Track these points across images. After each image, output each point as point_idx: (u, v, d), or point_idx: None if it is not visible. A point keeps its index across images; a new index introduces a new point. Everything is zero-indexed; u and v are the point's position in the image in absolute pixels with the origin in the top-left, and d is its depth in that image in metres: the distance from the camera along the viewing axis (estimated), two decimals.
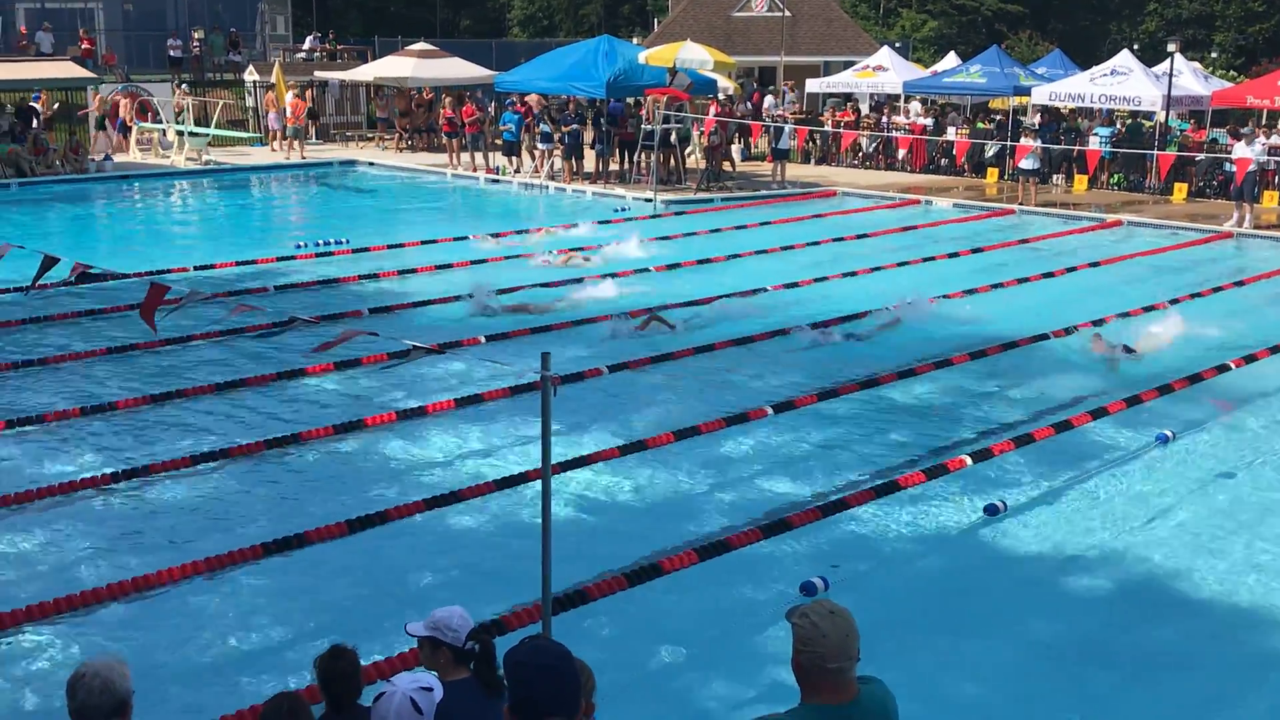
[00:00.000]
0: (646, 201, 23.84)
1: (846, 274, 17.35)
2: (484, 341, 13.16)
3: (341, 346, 7.67)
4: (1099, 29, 57.50)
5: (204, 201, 25.85)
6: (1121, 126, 28.27)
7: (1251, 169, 22.10)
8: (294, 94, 30.18)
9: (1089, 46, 49.91)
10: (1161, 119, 27.09)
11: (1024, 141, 25.37)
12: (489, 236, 19.66)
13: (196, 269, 16.77)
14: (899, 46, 40.49)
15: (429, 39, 37.25)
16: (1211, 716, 6.73)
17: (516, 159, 27.56)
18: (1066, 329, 14.12)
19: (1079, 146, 26.75)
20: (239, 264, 17.31)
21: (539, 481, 6.03)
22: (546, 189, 26.30)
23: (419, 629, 4.51)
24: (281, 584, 7.72)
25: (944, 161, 29.43)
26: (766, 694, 6.31)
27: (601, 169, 26.86)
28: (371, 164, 29.85)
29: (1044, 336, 13.92)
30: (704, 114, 27.57)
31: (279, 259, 17.93)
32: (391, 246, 18.82)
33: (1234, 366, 12.81)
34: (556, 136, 26.60)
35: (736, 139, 30.47)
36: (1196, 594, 7.88)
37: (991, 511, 8.89)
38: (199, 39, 38.33)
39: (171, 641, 6.99)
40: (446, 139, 29.18)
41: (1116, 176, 27.04)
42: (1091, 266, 18.45)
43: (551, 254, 18.20)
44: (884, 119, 31.93)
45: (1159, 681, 6.97)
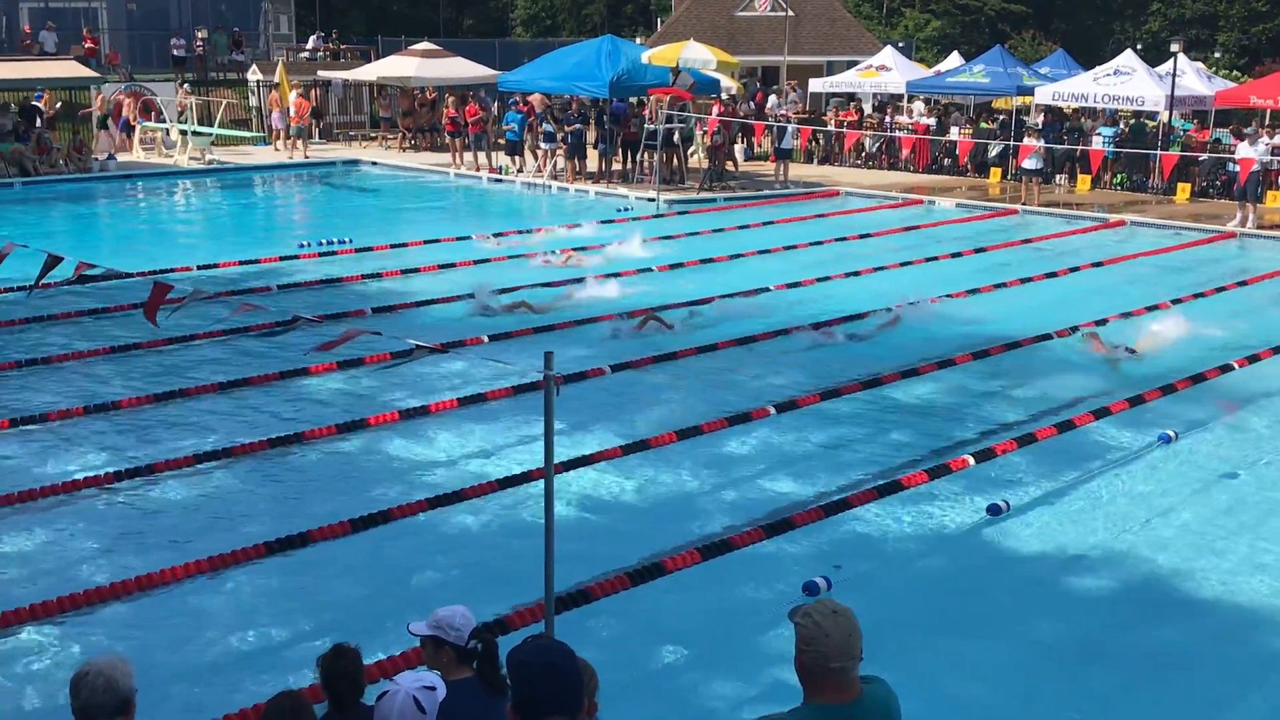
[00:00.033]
0: (649, 201, 23.84)
1: (849, 274, 17.35)
2: (487, 341, 13.17)
3: (344, 346, 7.67)
4: (1102, 29, 57.47)
5: (207, 201, 25.87)
6: (1125, 126, 28.24)
7: (1255, 169, 22.09)
8: (297, 93, 30.19)
9: (1092, 46, 49.90)
10: (1165, 119, 27.06)
11: (1027, 141, 25.33)
12: (491, 236, 19.67)
13: (200, 268, 16.78)
14: (902, 46, 40.50)
15: (432, 38, 37.32)
16: (1213, 717, 6.72)
17: (519, 159, 27.56)
18: (1070, 329, 14.11)
19: (1082, 146, 26.72)
20: (242, 263, 17.33)
21: (542, 481, 6.03)
22: (549, 189, 26.30)
23: (421, 628, 4.52)
24: (284, 583, 7.72)
25: (947, 161, 29.41)
26: (769, 693, 6.31)
27: (604, 169, 26.84)
28: (374, 163, 29.85)
29: (1047, 336, 13.91)
30: (707, 114, 27.55)
31: (282, 258, 17.94)
32: (394, 246, 18.82)
33: (1237, 367, 12.80)
34: (559, 136, 26.59)
35: (739, 139, 30.48)
36: (1199, 594, 7.88)
37: (994, 511, 8.89)
38: (202, 38, 38.33)
39: (174, 640, 6.99)
40: (449, 138, 29.17)
41: (1120, 177, 27.01)
42: (1094, 266, 18.44)
43: (554, 253, 18.22)
44: (887, 119, 31.92)
45: (1161, 682, 6.97)
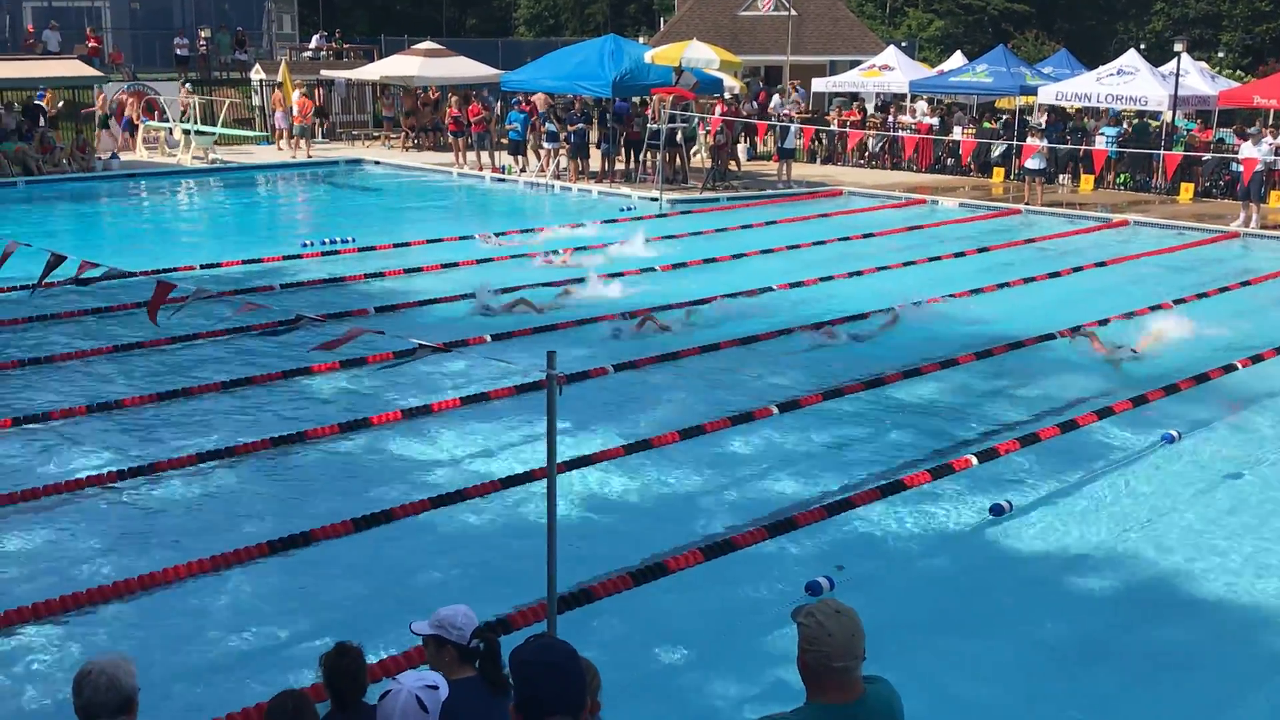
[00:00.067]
0: (652, 201, 23.84)
1: (852, 274, 17.35)
2: (489, 340, 13.17)
3: (347, 345, 7.68)
4: (1105, 28, 57.42)
5: (210, 200, 25.88)
6: (1128, 126, 28.22)
7: (1258, 169, 22.07)
8: (300, 93, 30.20)
9: (1095, 46, 49.87)
10: (1168, 119, 27.04)
11: (1030, 141, 25.32)
12: (493, 235, 19.67)
13: (203, 267, 16.78)
14: (905, 46, 40.48)
15: (435, 38, 37.33)
16: (1215, 717, 6.71)
17: (522, 158, 27.56)
18: (1073, 330, 14.09)
19: (1085, 146, 26.72)
20: (245, 262, 17.35)
21: (544, 480, 6.03)
22: (552, 188, 26.30)
23: (424, 627, 4.51)
24: (286, 582, 7.72)
25: (950, 161, 29.40)
26: (771, 693, 6.31)
27: (607, 168, 26.85)
28: (377, 163, 29.86)
29: (1050, 336, 13.89)
30: (710, 113, 27.56)
31: (285, 257, 17.95)
32: (397, 245, 18.83)
33: (1240, 367, 12.79)
34: (562, 136, 26.59)
35: (742, 138, 30.48)
36: (1201, 594, 7.88)
37: (997, 511, 8.88)
38: (205, 38, 38.35)
39: (176, 639, 6.99)
40: (452, 138, 29.18)
41: (1123, 176, 27.00)
42: (1098, 266, 18.43)
43: (556, 253, 18.21)
44: (890, 118, 31.91)
45: (1163, 682, 6.96)
